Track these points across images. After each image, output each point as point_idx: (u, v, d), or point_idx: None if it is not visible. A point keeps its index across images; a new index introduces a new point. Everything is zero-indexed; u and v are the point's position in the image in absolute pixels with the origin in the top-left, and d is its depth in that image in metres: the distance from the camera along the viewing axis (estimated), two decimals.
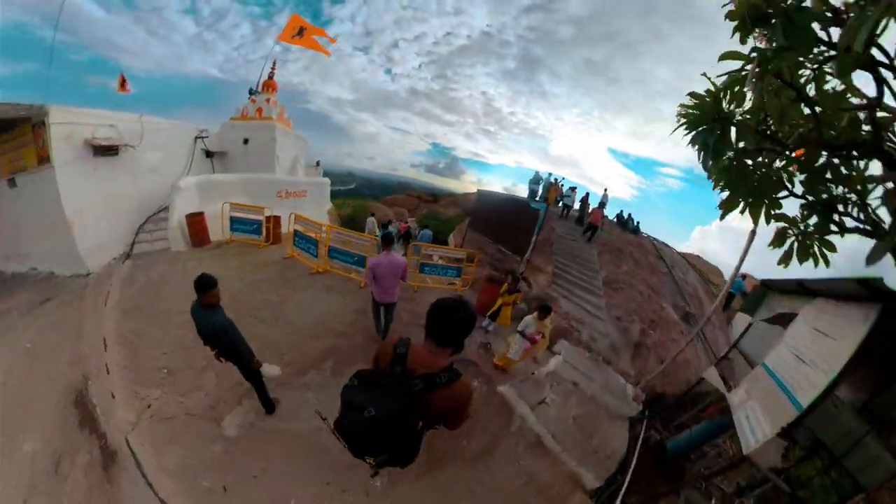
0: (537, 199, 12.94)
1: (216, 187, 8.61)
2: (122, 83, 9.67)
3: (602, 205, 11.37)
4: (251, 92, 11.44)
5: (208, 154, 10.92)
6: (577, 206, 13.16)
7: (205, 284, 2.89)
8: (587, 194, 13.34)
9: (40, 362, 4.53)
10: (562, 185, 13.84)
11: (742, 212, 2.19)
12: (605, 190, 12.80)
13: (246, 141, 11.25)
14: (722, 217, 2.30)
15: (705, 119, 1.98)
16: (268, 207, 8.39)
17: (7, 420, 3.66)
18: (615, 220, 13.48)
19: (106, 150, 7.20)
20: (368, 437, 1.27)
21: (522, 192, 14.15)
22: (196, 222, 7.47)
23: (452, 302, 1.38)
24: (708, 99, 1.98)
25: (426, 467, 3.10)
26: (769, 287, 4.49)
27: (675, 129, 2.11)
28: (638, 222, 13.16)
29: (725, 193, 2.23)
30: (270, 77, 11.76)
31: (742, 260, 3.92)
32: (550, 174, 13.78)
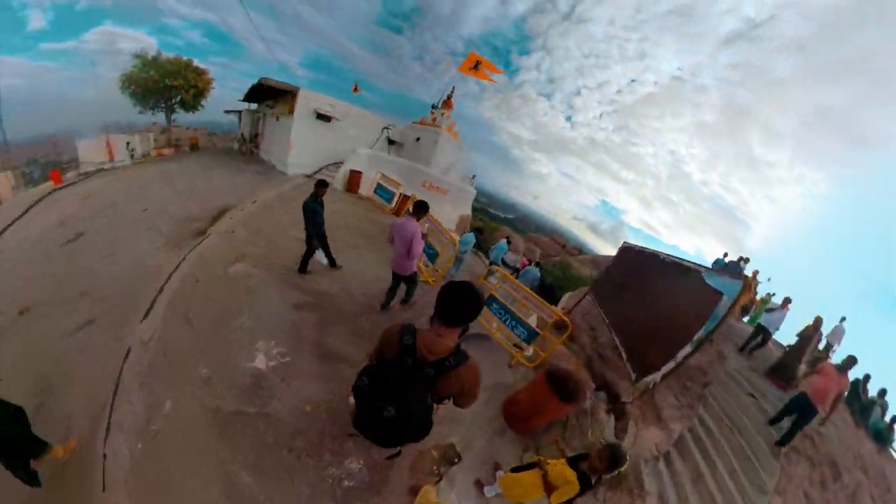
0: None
1: (380, 161, 10.89)
2: (355, 88, 14.68)
3: (847, 365, 4.82)
4: (433, 107, 14.25)
5: (391, 141, 13.84)
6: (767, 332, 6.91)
7: (321, 183, 4.59)
8: (819, 321, 6.71)
9: (230, 191, 8.48)
10: (765, 293, 8.98)
11: None
12: (842, 322, 7.18)
13: (417, 139, 13.62)
14: None
15: None
16: (404, 187, 9.70)
17: (186, 209, 7.13)
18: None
19: (323, 117, 11.09)
20: (391, 435, 1.34)
21: None
22: (354, 176, 9.98)
23: (463, 283, 1.37)
24: None
25: None
26: None
27: None
28: (894, 418, 6.14)
29: None
30: (449, 98, 14.27)
31: None
32: (748, 260, 8.66)
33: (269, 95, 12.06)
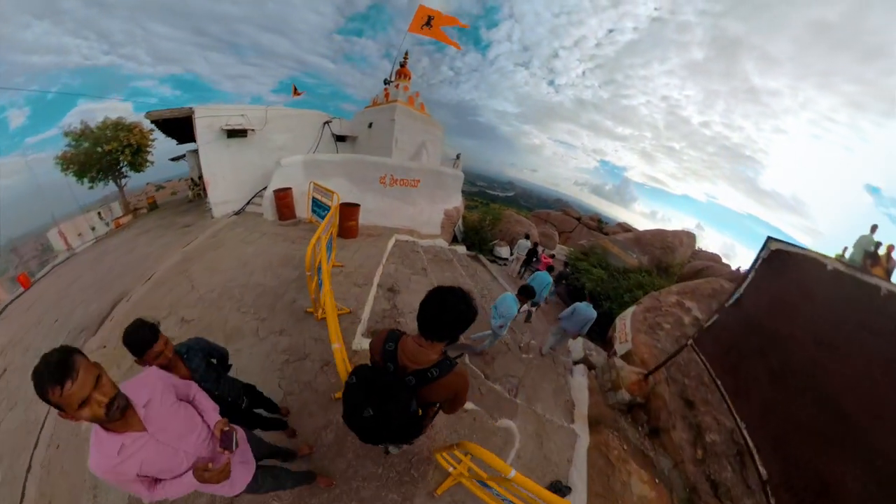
0: None
1: (319, 166, 8.06)
2: (295, 90, 11.83)
3: None
4: (386, 82, 11.04)
5: (340, 139, 11.11)
6: None
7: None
8: None
9: (138, 265, 6.31)
10: None
11: None
12: None
13: (370, 125, 10.77)
14: None
15: None
16: (338, 195, 6.33)
17: (87, 310, 5.33)
18: None
19: (236, 133, 8.39)
20: (371, 432, 1.36)
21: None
22: (282, 197, 7.40)
23: (449, 294, 1.24)
24: None
25: None
26: None
27: None
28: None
29: None
30: (402, 65, 11.18)
31: None
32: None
33: (186, 128, 9.65)
